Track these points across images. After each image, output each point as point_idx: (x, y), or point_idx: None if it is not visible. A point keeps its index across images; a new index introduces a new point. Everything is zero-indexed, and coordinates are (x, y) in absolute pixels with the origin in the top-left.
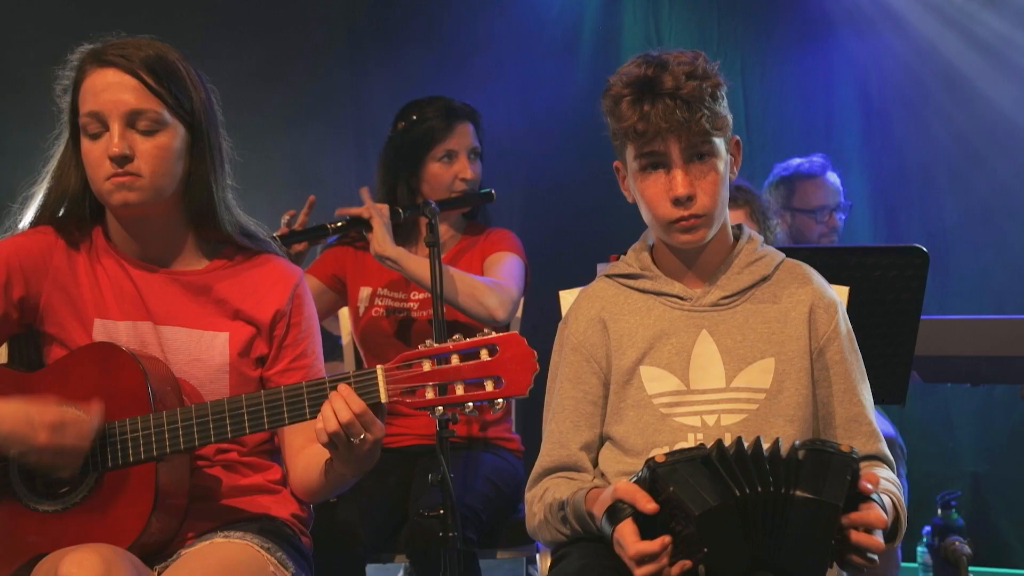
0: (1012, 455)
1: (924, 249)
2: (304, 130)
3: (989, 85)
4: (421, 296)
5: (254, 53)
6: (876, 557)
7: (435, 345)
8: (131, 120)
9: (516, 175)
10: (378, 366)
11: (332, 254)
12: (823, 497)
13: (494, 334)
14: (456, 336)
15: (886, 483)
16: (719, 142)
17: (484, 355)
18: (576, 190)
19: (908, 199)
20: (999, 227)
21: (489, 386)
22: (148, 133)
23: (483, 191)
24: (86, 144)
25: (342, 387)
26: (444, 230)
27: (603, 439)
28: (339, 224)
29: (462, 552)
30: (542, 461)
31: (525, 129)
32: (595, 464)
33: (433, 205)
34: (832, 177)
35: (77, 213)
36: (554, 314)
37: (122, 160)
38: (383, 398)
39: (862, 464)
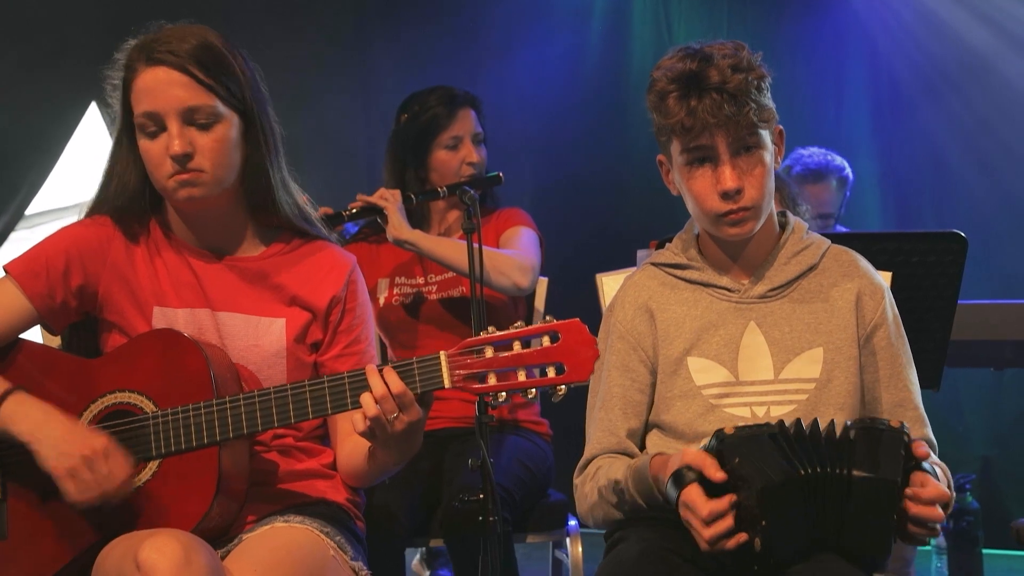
0: (1021, 438)
1: (963, 235)
2: (312, 106)
3: (1006, 66)
4: (437, 279)
5: (261, 31)
6: (937, 527)
7: (497, 332)
8: (187, 117)
9: (524, 157)
10: (441, 352)
11: None
12: (880, 474)
13: (555, 321)
14: (517, 324)
15: (935, 458)
16: (765, 133)
17: (546, 341)
18: (583, 172)
19: (919, 183)
20: (1015, 210)
21: (551, 372)
22: (205, 128)
23: (490, 174)
24: (144, 143)
25: (385, 369)
26: (452, 215)
27: (648, 427)
28: (354, 211)
29: (500, 535)
30: (591, 448)
31: (533, 110)
32: (641, 449)
33: (473, 192)
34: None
35: (136, 206)
36: (571, 298)
37: (184, 159)
38: (447, 383)
39: None
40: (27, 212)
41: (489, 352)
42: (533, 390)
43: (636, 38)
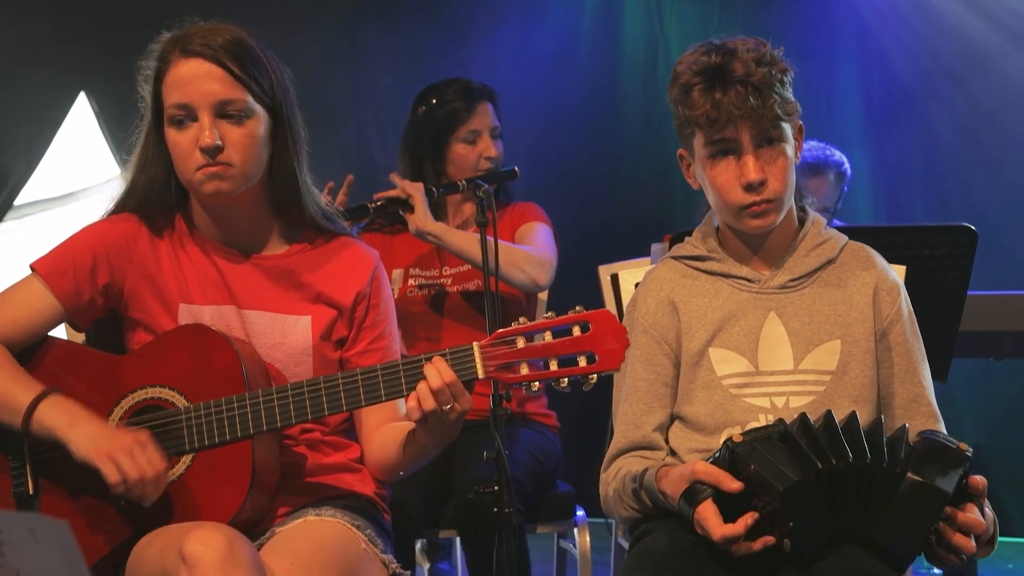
0: (1012, 427)
1: (973, 228)
2: (305, 98)
3: (1002, 56)
4: (453, 271)
5: (255, 23)
6: (965, 557)
7: (528, 322)
8: (219, 110)
9: (517, 151)
10: (474, 343)
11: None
12: (936, 483)
13: (585, 311)
14: (548, 313)
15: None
16: (787, 127)
17: (576, 331)
18: (576, 165)
19: (912, 175)
20: (1012, 201)
21: (582, 362)
22: (237, 122)
23: (506, 169)
24: (173, 134)
25: (435, 358)
26: (468, 207)
27: (672, 418)
28: (379, 203)
29: (514, 526)
30: (616, 443)
31: (525, 103)
32: (665, 441)
33: (487, 187)
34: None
35: (162, 201)
36: (572, 291)
37: (214, 151)
38: (480, 374)
39: None
40: (16, 203)
41: (521, 342)
42: (565, 380)
43: (628, 31)
